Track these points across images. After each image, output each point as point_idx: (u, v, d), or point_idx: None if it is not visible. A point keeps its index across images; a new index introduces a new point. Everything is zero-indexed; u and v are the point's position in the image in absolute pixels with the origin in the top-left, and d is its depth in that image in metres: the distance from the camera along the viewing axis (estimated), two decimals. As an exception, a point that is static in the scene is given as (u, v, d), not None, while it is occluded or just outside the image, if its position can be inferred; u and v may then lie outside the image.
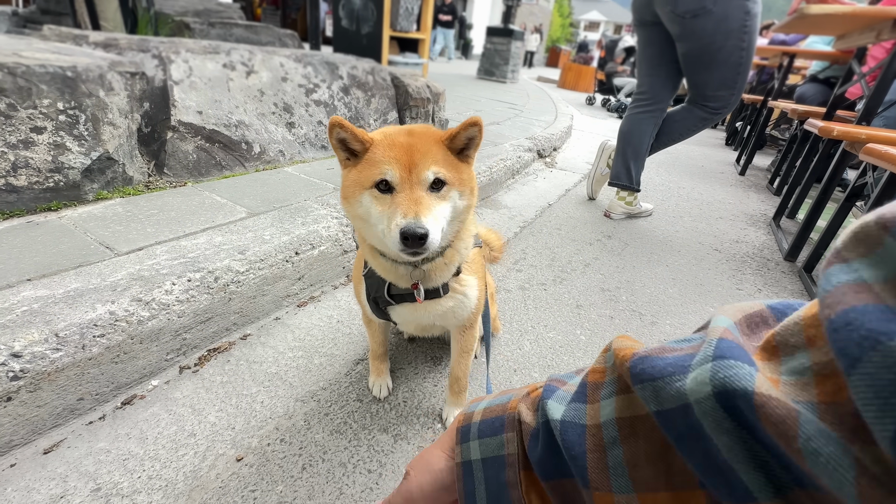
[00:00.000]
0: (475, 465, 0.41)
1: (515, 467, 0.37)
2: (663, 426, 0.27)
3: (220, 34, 3.42)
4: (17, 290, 1.01)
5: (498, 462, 0.39)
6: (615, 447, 0.30)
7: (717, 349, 0.25)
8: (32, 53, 1.34)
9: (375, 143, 0.72)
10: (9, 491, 0.81)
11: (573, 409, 0.34)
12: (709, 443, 0.24)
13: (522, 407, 0.39)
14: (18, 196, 1.33)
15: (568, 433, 0.33)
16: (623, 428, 0.30)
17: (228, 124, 1.98)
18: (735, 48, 1.88)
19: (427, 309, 0.85)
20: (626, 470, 0.29)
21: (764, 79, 5.34)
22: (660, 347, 0.30)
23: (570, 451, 0.32)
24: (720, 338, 0.26)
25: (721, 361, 0.24)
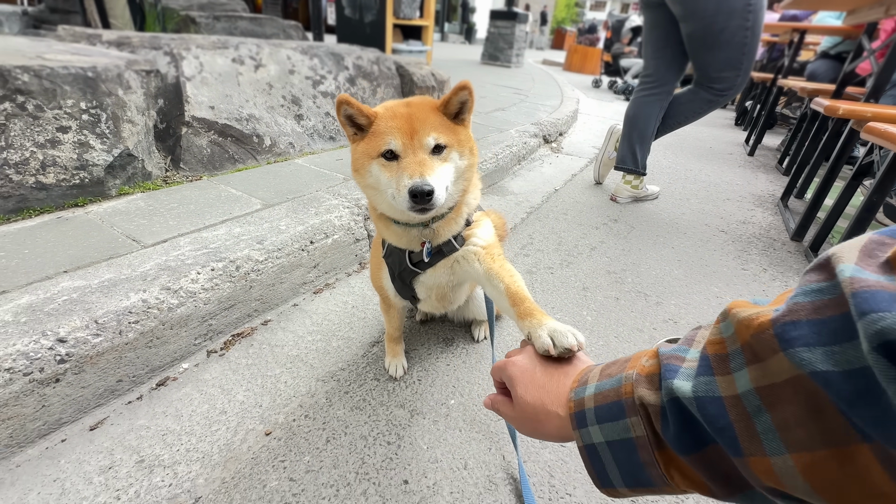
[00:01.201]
0: (600, 447, 0.44)
1: (649, 448, 0.40)
2: (828, 387, 0.27)
3: (225, 27, 3.44)
4: (56, 281, 1.08)
5: (627, 445, 0.42)
6: (761, 414, 0.31)
7: (857, 307, 0.26)
8: (54, 55, 1.40)
9: (379, 116, 0.78)
10: (62, 462, 0.89)
11: (703, 383, 0.35)
12: (882, 395, 0.25)
13: (642, 390, 0.41)
14: (48, 193, 1.40)
15: (707, 408, 0.34)
16: (765, 396, 0.31)
17: (240, 118, 2.03)
18: (739, 28, 1.86)
19: (445, 264, 0.90)
20: (778, 433, 0.30)
21: (775, 56, 5.23)
22: (789, 309, 0.31)
23: (714, 424, 0.34)
24: (853, 292, 0.27)
25: (865, 318, 0.25)
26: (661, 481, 0.41)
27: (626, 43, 7.95)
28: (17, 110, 1.28)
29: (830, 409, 0.28)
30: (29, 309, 0.98)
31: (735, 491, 0.37)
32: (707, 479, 0.38)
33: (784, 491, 0.31)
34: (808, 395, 0.29)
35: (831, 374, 0.27)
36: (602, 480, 0.46)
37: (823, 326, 0.29)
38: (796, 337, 0.29)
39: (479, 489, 0.89)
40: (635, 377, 0.43)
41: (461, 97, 0.80)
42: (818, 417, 0.29)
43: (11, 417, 0.87)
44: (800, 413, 0.29)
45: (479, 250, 0.88)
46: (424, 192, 0.70)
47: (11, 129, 1.28)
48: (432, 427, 1.02)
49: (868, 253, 0.30)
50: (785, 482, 0.31)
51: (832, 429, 0.28)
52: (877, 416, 0.25)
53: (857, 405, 0.26)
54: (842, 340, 0.27)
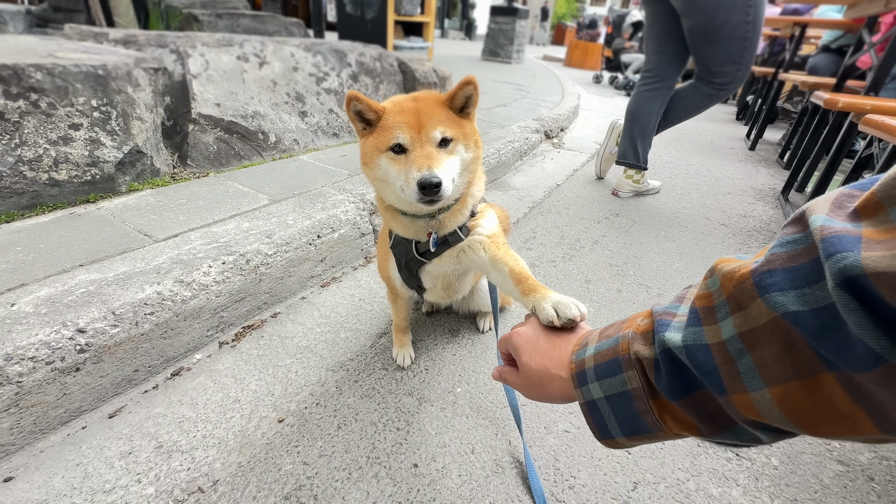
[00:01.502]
0: (599, 402, 0.49)
1: (644, 398, 0.45)
2: (798, 324, 0.31)
3: (227, 25, 3.46)
4: (73, 275, 1.11)
5: (624, 397, 0.46)
6: (743, 356, 0.35)
7: (825, 250, 0.29)
8: (65, 54, 1.42)
9: (387, 111, 0.81)
10: (84, 448, 0.92)
11: (692, 333, 0.39)
12: (843, 326, 0.28)
13: (637, 346, 0.46)
14: (60, 189, 1.43)
15: (695, 355, 0.38)
16: (746, 339, 0.35)
17: (245, 115, 2.05)
18: (740, 22, 1.88)
19: (451, 254, 0.93)
20: (757, 371, 0.34)
21: (776, 50, 5.22)
22: (766, 259, 0.34)
23: (702, 369, 0.38)
24: (823, 238, 0.30)
25: (831, 259, 0.28)
26: (656, 427, 0.45)
27: (626, 38, 7.94)
28: (30, 108, 1.30)
29: (801, 344, 0.32)
30: (48, 301, 1.01)
31: (721, 429, 0.41)
32: (696, 421, 0.42)
33: (763, 422, 0.36)
34: (783, 334, 0.33)
35: (801, 313, 0.31)
36: (602, 432, 0.50)
37: (796, 272, 0.32)
38: (772, 283, 0.33)
39: (487, 472, 0.92)
40: (631, 335, 0.47)
41: (466, 92, 0.82)
42: (790, 353, 0.32)
43: (35, 405, 0.90)
44: (775, 351, 0.33)
45: (485, 239, 0.91)
46: (433, 184, 0.73)
47: (25, 126, 1.31)
48: (440, 414, 1.05)
49: (838, 205, 0.33)
50: (763, 414, 0.35)
51: (802, 362, 0.32)
52: (838, 345, 0.29)
53: (822, 338, 0.30)
54: (811, 283, 0.31)
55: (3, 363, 0.85)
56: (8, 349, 0.87)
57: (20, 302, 0.99)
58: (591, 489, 0.90)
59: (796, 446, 1.03)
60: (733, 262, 0.39)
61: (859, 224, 0.30)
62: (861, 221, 0.30)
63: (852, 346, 0.28)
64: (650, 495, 0.90)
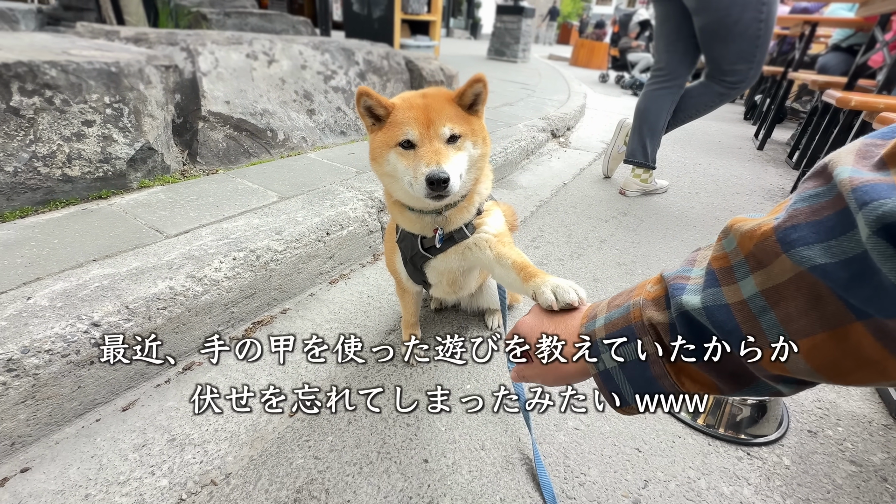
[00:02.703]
0: (613, 371, 0.49)
1: (659, 362, 0.45)
2: (826, 277, 0.31)
3: (235, 23, 3.48)
4: (87, 269, 1.13)
5: (638, 364, 0.46)
6: (766, 313, 0.35)
7: (858, 200, 0.29)
8: (79, 51, 1.44)
9: (396, 108, 0.82)
10: (98, 440, 0.93)
11: (710, 294, 0.39)
12: (875, 274, 0.28)
13: (650, 312, 0.46)
14: (73, 185, 1.44)
15: (715, 315, 0.38)
16: (770, 297, 0.35)
17: (254, 113, 2.06)
18: (753, 20, 1.86)
19: (456, 251, 0.93)
20: (782, 327, 0.34)
21: (785, 49, 5.17)
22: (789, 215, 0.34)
23: (723, 328, 0.38)
24: (854, 188, 0.30)
25: (866, 207, 0.28)
26: (674, 389, 0.45)
27: (633, 37, 7.90)
28: (45, 104, 1.32)
29: (828, 296, 0.32)
30: (63, 295, 1.02)
31: (742, 385, 0.41)
32: (716, 379, 0.42)
33: (788, 376, 0.36)
34: (809, 288, 0.32)
35: (829, 265, 0.31)
36: (618, 400, 0.50)
37: (821, 225, 0.32)
38: (796, 238, 0.33)
39: (497, 468, 0.92)
40: (642, 302, 0.47)
41: (476, 89, 0.83)
42: (817, 305, 0.32)
43: (51, 397, 0.91)
44: (801, 305, 0.33)
45: (491, 238, 0.91)
46: (441, 179, 0.73)
47: (40, 122, 1.32)
48: (450, 411, 1.05)
49: (863, 154, 0.33)
50: (789, 367, 0.35)
51: (830, 313, 0.32)
52: (871, 294, 0.29)
53: (853, 288, 0.30)
54: (838, 234, 0.31)
55: (20, 355, 0.86)
56: (25, 342, 0.88)
57: (36, 296, 1.01)
58: (602, 486, 0.90)
59: (808, 446, 1.03)
60: (750, 220, 0.38)
61: (888, 172, 0.30)
62: (890, 169, 0.30)
63: (885, 293, 0.28)
64: (661, 493, 0.89)
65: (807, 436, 1.05)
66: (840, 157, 0.33)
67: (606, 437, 1.00)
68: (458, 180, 0.78)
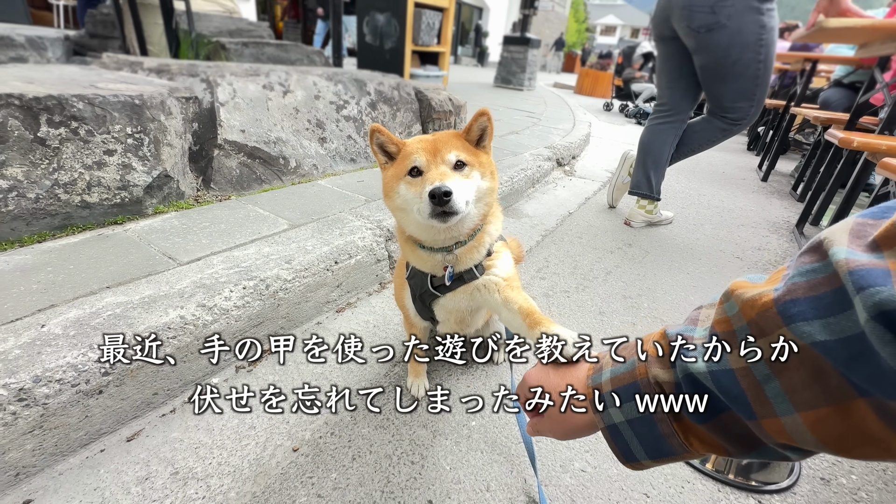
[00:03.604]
0: (621, 426, 0.49)
1: (667, 421, 0.45)
2: (827, 353, 0.32)
3: (253, 53, 3.61)
4: (100, 297, 1.15)
5: (647, 421, 0.47)
6: (770, 381, 0.36)
7: (855, 283, 0.30)
8: (106, 84, 1.50)
9: (407, 144, 0.86)
10: (101, 472, 0.93)
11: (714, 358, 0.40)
12: (874, 355, 0.29)
13: (655, 370, 0.46)
14: (90, 211, 1.48)
15: (720, 380, 0.39)
16: (774, 365, 0.35)
17: (268, 141, 2.12)
18: (752, 61, 1.92)
19: (465, 291, 0.94)
20: (787, 396, 0.35)
21: (786, 83, 5.27)
22: (788, 289, 0.35)
23: (728, 394, 0.38)
24: (850, 271, 0.31)
25: (864, 293, 0.29)
26: (682, 449, 0.45)
27: (637, 68, 8.09)
28: (70, 135, 1.37)
29: (831, 371, 0.32)
30: (77, 323, 1.04)
31: (750, 449, 0.41)
32: (723, 442, 0.42)
33: (795, 445, 0.36)
34: (811, 361, 0.33)
35: (829, 342, 0.32)
36: (626, 456, 0.50)
37: (819, 301, 0.33)
38: (796, 313, 0.34)
39: (502, 512, 0.91)
40: (647, 359, 0.48)
41: (481, 123, 0.86)
42: (820, 379, 0.33)
43: (58, 427, 0.92)
44: (805, 377, 0.34)
45: (500, 282, 0.93)
46: (442, 192, 0.74)
47: (64, 152, 1.37)
48: (454, 448, 1.04)
49: (856, 234, 0.34)
50: (795, 438, 0.35)
51: (833, 388, 0.32)
52: (871, 374, 0.30)
53: (854, 366, 0.31)
54: (836, 312, 0.32)
55: (31, 385, 0.87)
56: (37, 371, 0.89)
57: (50, 323, 1.02)
58: (609, 534, 0.88)
59: (821, 495, 1.00)
60: (749, 286, 0.40)
61: (882, 255, 0.31)
62: (883, 252, 0.31)
63: (885, 375, 0.29)
64: (670, 543, 0.87)
65: (819, 484, 1.03)
66: (834, 236, 0.35)
67: (614, 481, 0.99)
68: (464, 202, 0.79)
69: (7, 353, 0.92)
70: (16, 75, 1.52)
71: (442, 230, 0.84)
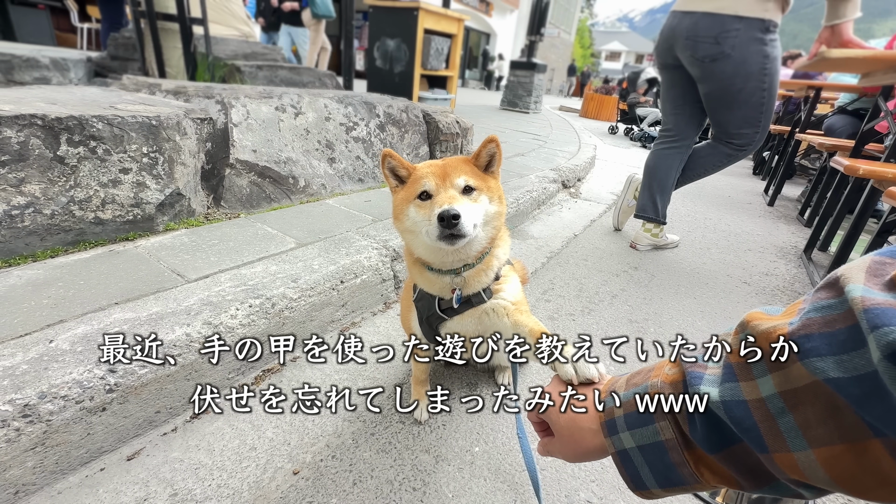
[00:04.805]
0: (632, 452, 0.49)
1: (679, 449, 0.44)
2: (840, 390, 0.31)
3: (266, 76, 3.73)
4: (109, 313, 1.16)
5: (658, 448, 0.46)
6: (784, 415, 0.35)
7: (869, 322, 0.30)
8: (125, 105, 1.56)
9: (417, 168, 0.88)
10: (100, 492, 0.92)
11: (728, 389, 0.40)
12: (887, 395, 0.29)
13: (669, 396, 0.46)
14: (103, 228, 1.51)
15: (733, 410, 0.38)
16: (788, 399, 0.35)
17: (279, 161, 2.17)
18: (756, 89, 1.95)
19: (473, 314, 0.94)
20: (800, 431, 0.34)
21: (791, 109, 5.33)
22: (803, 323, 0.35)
23: (741, 425, 0.38)
24: (865, 309, 0.31)
25: (878, 331, 0.29)
26: (693, 479, 0.44)
27: (641, 93, 8.23)
28: (88, 154, 1.41)
29: (845, 408, 0.32)
30: (84, 339, 1.04)
31: (762, 483, 0.40)
32: (735, 474, 0.41)
33: (807, 482, 0.35)
34: (826, 398, 0.33)
35: (842, 379, 0.31)
36: (636, 483, 0.49)
37: (833, 338, 0.33)
38: (811, 348, 0.34)
39: (505, 544, 0.88)
40: (660, 385, 0.47)
41: (489, 150, 0.89)
42: (835, 416, 0.32)
43: (60, 444, 0.91)
44: (819, 413, 0.33)
45: (509, 306, 0.93)
46: (451, 214, 0.76)
47: (81, 170, 1.41)
48: (457, 475, 1.02)
49: (873, 273, 0.34)
50: (808, 474, 0.34)
51: (848, 426, 0.32)
52: (884, 413, 0.29)
53: (867, 405, 0.30)
54: (850, 350, 0.32)
55: (37, 401, 0.88)
56: (43, 387, 0.90)
57: (58, 339, 1.03)
58: (616, 570, 0.85)
59: (837, 533, 0.96)
60: (765, 318, 0.40)
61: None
62: None
63: None
64: (680, 581, 0.84)
65: (835, 521, 0.99)
66: (851, 274, 0.35)
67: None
68: (472, 225, 0.80)
69: (15, 368, 0.93)
70: (40, 96, 1.58)
71: (450, 252, 0.85)
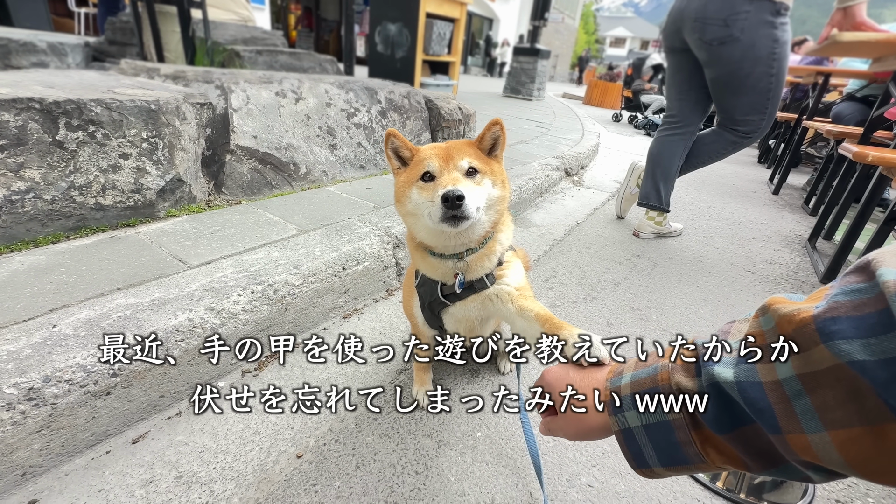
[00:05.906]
0: (636, 430, 0.49)
1: (685, 428, 0.45)
2: (865, 373, 0.31)
3: (266, 61, 3.68)
4: (111, 298, 1.16)
5: (664, 426, 0.46)
6: (801, 397, 0.35)
7: None
8: (123, 90, 1.54)
9: (421, 150, 0.87)
10: (107, 474, 0.93)
11: (744, 370, 0.40)
12: None
13: (679, 376, 0.46)
14: (104, 214, 1.50)
15: (747, 392, 0.38)
16: (806, 382, 0.35)
17: (279, 147, 2.15)
18: (764, 74, 1.91)
19: (476, 300, 0.94)
20: (817, 414, 0.34)
21: (798, 96, 5.24)
22: (829, 306, 0.35)
23: (754, 406, 0.38)
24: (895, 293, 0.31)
25: None
26: (697, 458, 0.44)
27: (646, 80, 8.10)
28: (87, 138, 1.40)
29: (868, 391, 0.31)
30: (87, 324, 1.05)
31: (769, 465, 0.40)
32: (743, 455, 0.41)
33: (819, 464, 0.35)
34: (848, 381, 0.33)
35: (868, 362, 0.31)
36: (638, 461, 0.49)
37: (862, 322, 0.32)
38: (836, 331, 0.33)
39: (507, 526, 0.89)
40: (671, 366, 0.47)
41: (493, 133, 0.87)
42: (856, 399, 0.32)
43: (65, 427, 0.92)
44: (839, 396, 0.33)
45: (513, 291, 0.92)
46: (455, 195, 0.74)
47: (80, 155, 1.40)
48: (459, 459, 1.03)
49: None
50: (821, 456, 0.34)
51: (869, 409, 0.32)
52: None
53: (892, 388, 0.30)
54: (879, 333, 0.31)
55: (41, 384, 0.88)
56: (47, 370, 0.90)
57: (61, 323, 1.04)
58: (617, 552, 0.86)
59: (836, 518, 0.97)
60: (789, 303, 0.39)
61: None
62: None
63: None
64: (680, 563, 0.85)
65: (835, 506, 1.00)
66: (884, 258, 0.34)
67: (621, 497, 0.97)
68: (475, 207, 0.79)
69: (19, 352, 0.93)
70: (37, 80, 1.56)
71: (452, 235, 0.84)
